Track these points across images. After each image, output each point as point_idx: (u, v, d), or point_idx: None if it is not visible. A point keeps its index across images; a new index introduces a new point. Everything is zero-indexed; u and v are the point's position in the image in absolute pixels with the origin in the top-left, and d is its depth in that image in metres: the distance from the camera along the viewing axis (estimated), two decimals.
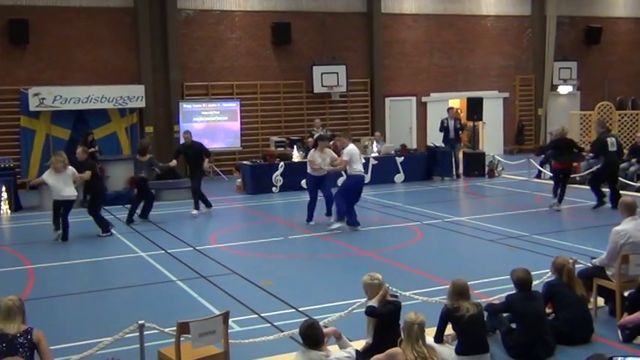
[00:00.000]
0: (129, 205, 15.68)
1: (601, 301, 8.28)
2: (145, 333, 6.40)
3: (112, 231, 13.69)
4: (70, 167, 13.26)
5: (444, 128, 20.66)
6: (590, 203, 15.63)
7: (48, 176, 13.12)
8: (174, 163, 15.80)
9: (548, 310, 7.51)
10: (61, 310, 9.19)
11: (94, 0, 20.87)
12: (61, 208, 13.15)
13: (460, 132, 20.98)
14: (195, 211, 15.41)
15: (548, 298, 7.49)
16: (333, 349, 6.16)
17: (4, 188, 16.23)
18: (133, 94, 20.72)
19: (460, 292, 6.69)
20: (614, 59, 28.65)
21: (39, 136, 20.16)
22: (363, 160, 13.35)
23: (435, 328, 6.68)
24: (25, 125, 20.09)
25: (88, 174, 13.36)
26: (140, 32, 21.25)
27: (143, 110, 21.29)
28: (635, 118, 22.78)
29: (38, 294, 9.82)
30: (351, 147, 13.65)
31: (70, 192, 13.13)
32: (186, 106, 21.58)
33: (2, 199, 16.28)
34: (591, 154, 16.51)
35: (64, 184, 13.03)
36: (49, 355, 5.89)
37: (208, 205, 15.70)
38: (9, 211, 16.26)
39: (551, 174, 16.06)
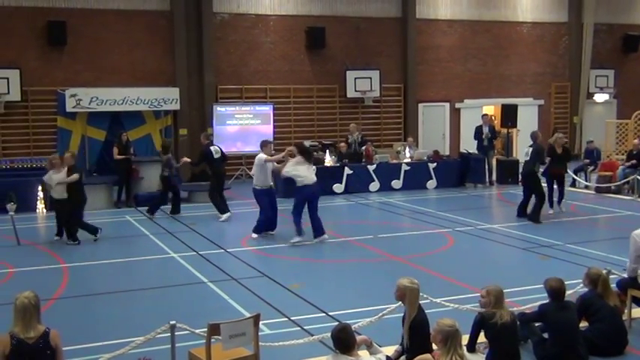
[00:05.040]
0: (163, 206, 15.95)
1: (637, 312, 8.16)
2: (176, 333, 6.44)
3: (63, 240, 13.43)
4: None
5: (478, 135, 20.51)
6: (625, 213, 15.49)
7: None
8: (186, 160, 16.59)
9: (583, 324, 7.40)
10: (94, 309, 9.28)
11: (131, 3, 21.14)
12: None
13: (494, 139, 20.82)
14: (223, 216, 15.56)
15: (583, 312, 7.36)
16: (364, 354, 6.14)
17: (40, 187, 16.46)
18: (168, 97, 20.94)
19: (496, 298, 6.62)
20: None
21: (75, 136, 20.43)
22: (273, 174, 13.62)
23: (465, 336, 6.62)
24: (62, 126, 20.37)
25: (75, 176, 13.06)
26: (176, 35, 21.45)
27: (177, 112, 21.48)
28: None
29: (71, 292, 9.97)
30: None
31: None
32: (220, 109, 21.71)
33: (38, 198, 16.53)
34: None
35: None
36: (63, 357, 5.66)
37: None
38: (44, 210, 16.50)
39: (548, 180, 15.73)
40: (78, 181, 13.13)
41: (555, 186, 15.58)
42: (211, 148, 15.99)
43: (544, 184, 15.25)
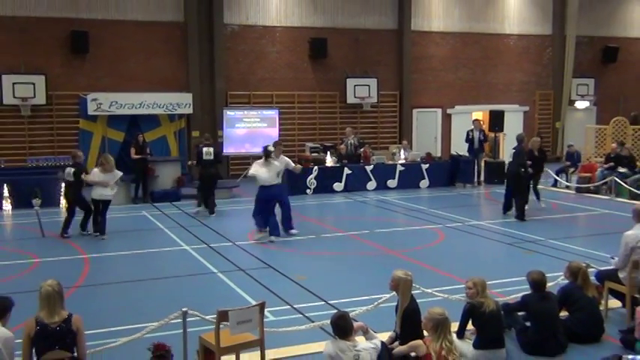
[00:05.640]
0: (176, 202, 16.00)
1: (613, 303, 8.18)
2: (188, 319, 6.49)
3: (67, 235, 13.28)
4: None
5: (469, 139, 20.50)
6: (603, 211, 15.50)
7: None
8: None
9: (563, 313, 7.41)
10: (112, 296, 9.32)
11: (148, 14, 21.14)
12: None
13: (484, 142, 20.82)
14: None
15: (563, 302, 7.37)
16: (361, 339, 6.16)
17: (63, 184, 16.45)
18: (182, 101, 20.97)
19: (482, 288, 6.65)
20: (629, 77, 28.17)
21: (96, 137, 20.49)
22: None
23: (454, 324, 6.63)
24: (84, 127, 20.42)
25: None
26: (189, 45, 21.46)
27: (190, 116, 21.50)
28: None
29: (92, 281, 10.00)
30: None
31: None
32: (229, 113, 21.72)
33: (61, 194, 16.53)
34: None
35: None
36: (85, 341, 5.70)
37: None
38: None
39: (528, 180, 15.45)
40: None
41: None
42: (203, 149, 15.56)
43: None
